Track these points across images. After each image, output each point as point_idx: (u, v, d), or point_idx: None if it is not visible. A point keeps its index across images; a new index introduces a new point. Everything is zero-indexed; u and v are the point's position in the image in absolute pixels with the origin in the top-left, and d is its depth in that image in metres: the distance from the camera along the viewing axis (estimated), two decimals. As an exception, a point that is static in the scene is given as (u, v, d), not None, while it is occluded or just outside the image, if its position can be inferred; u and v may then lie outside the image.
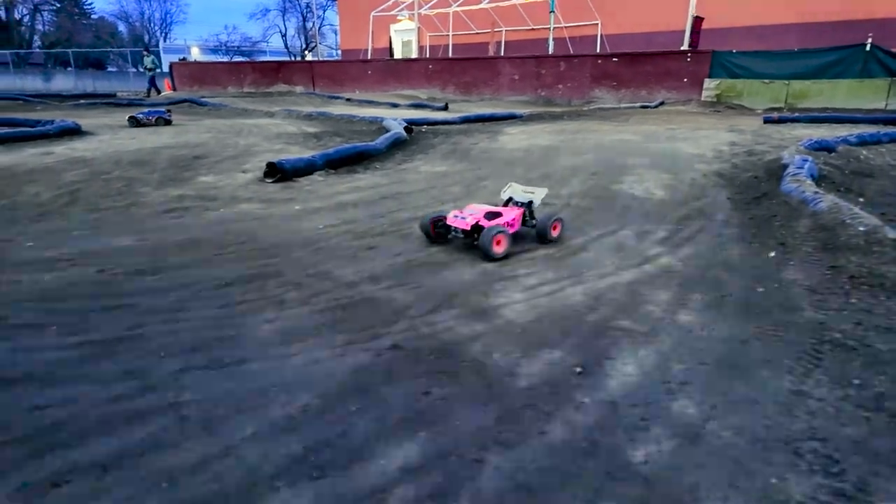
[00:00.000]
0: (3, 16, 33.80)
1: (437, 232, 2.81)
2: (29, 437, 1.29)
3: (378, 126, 9.13)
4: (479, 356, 1.65)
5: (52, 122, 7.87)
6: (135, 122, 8.67)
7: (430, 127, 8.86)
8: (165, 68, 27.73)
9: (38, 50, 33.32)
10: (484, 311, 1.97)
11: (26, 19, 35.08)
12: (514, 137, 7.80)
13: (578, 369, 1.56)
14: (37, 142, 6.64)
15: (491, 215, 2.74)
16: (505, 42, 20.75)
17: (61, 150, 6.27)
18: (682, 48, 14.00)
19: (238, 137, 7.71)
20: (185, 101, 13.75)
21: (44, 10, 35.74)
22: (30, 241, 2.90)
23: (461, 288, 2.21)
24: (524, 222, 2.87)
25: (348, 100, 16.09)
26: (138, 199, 3.94)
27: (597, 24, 18.53)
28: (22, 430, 1.31)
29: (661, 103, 13.15)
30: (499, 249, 2.51)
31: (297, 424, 1.34)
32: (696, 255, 2.57)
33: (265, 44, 44.77)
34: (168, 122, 9.07)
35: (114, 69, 41.14)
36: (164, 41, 41.54)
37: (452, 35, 20.59)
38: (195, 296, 2.15)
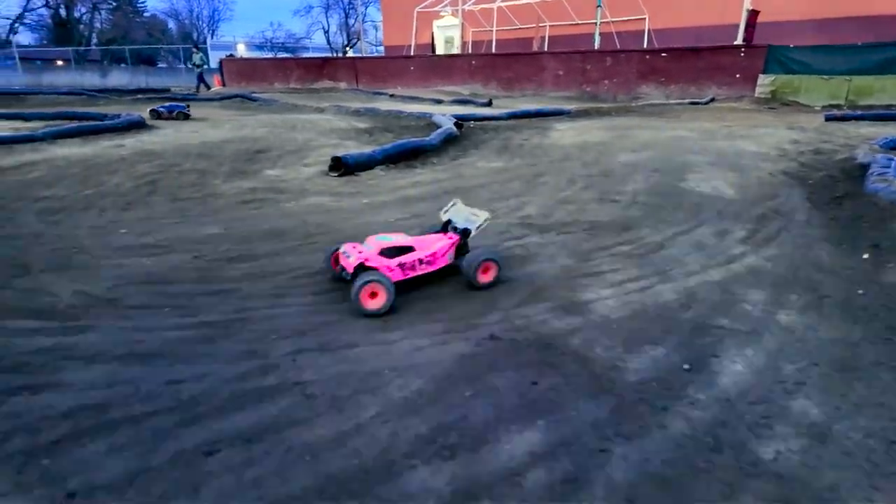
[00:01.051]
0: (65, 14, 35.56)
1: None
2: (173, 408, 1.39)
3: (427, 122, 9.20)
4: (580, 349, 1.67)
5: (119, 115, 8.25)
6: (156, 115, 9.06)
7: (477, 123, 8.87)
8: (213, 65, 28.57)
9: (95, 47, 34.87)
10: (575, 306, 1.98)
11: (86, 18, 36.78)
12: (564, 133, 7.74)
13: (686, 366, 1.56)
14: (108, 134, 6.98)
15: (393, 251, 2.12)
16: (548, 37, 20.51)
17: (131, 142, 6.58)
18: (735, 43, 13.54)
19: (293, 133, 7.91)
20: (236, 96, 14.18)
21: (102, 9, 37.40)
22: (123, 228, 3.07)
23: (546, 283, 2.23)
24: (460, 253, 2.25)
25: (391, 96, 16.24)
26: (213, 190, 4.10)
27: (644, 18, 18.10)
28: (167, 402, 1.41)
29: (712, 100, 12.76)
30: (372, 304, 1.90)
31: (418, 407, 1.39)
32: (783, 256, 2.51)
33: (308, 40, 45.62)
34: (187, 117, 9.40)
35: (164, 65, 42.66)
36: (212, 38, 42.84)
37: (494, 30, 20.48)
38: (292, 282, 2.24)
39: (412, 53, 20.94)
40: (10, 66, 25.81)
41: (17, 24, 34.58)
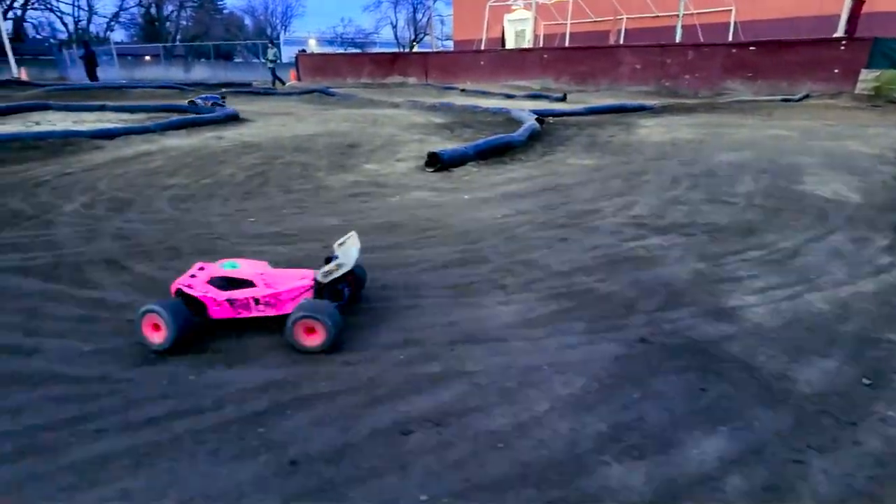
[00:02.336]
0: (155, 12, 38.11)
1: None
2: (356, 388, 1.48)
3: (505, 117, 9.17)
4: (741, 357, 1.63)
5: (213, 109, 8.75)
6: (193, 105, 9.71)
7: (556, 118, 8.75)
8: (284, 60, 29.63)
9: (181, 43, 37.12)
10: (723, 312, 1.93)
11: (173, 16, 39.26)
12: (651, 130, 7.50)
13: (866, 381, 1.49)
14: (209, 126, 7.43)
15: (229, 283, 1.82)
16: (625, 30, 19.87)
17: (230, 134, 6.98)
18: (835, 35, 12.58)
19: (376, 127, 8.12)
20: (314, 91, 14.67)
21: (187, 7, 39.79)
22: (250, 217, 3.28)
23: (681, 286, 2.18)
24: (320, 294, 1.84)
25: (462, 90, 16.28)
26: (320, 182, 4.29)
27: (730, 10, 17.16)
28: (348, 382, 1.51)
29: (806, 96, 11.93)
30: (156, 338, 1.64)
31: (589, 405, 1.41)
32: (939, 268, 2.34)
33: (376, 35, 46.51)
34: (219, 105, 9.95)
35: (240, 60, 44.78)
36: (284, 34, 44.51)
37: (568, 23, 20.06)
38: (422, 274, 2.32)
39: (483, 48, 20.87)
40: (108, 61, 27.90)
41: (113, 23, 37.41)
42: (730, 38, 16.73)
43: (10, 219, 3.14)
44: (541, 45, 21.53)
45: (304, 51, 29.50)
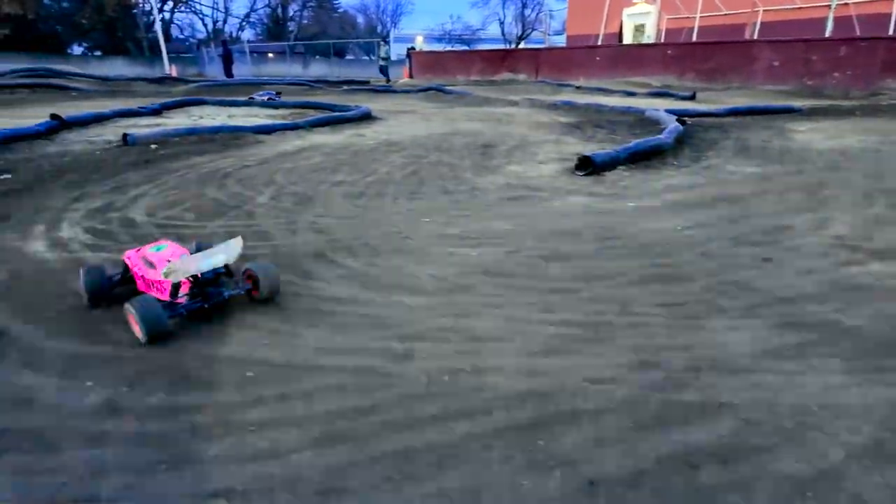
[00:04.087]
0: (280, 13, 41.10)
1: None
2: (611, 409, 1.46)
3: (636, 117, 8.80)
4: None
5: (348, 107, 9.22)
6: (251, 100, 10.42)
7: (691, 119, 8.22)
8: (393, 58, 30.52)
9: (299, 42, 39.66)
10: None
11: (297, 16, 42.12)
12: (810, 135, 6.81)
13: None
14: (349, 125, 7.85)
15: (148, 264, 1.99)
16: (761, 23, 18.22)
17: (369, 133, 7.31)
18: None
19: (503, 126, 8.12)
20: (430, 89, 15.01)
21: (309, 6, 42.46)
22: (424, 218, 3.39)
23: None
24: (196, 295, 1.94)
25: (578, 87, 15.84)
26: (473, 184, 4.35)
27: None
28: (601, 402, 1.49)
29: None
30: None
31: (891, 456, 1.28)
32: None
33: (483, 32, 46.69)
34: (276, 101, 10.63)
35: (351, 57, 46.96)
36: (394, 31, 46.00)
37: (697, 17, 18.78)
38: (625, 286, 2.26)
39: (600, 43, 20.16)
40: (240, 58, 30.53)
41: (244, 23, 40.90)
42: (891, 31, 14.75)
43: (217, 208, 3.51)
44: (662, 39, 20.38)
45: (413, 48, 30.28)
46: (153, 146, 5.31)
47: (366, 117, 8.40)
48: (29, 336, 1.82)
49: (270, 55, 38.56)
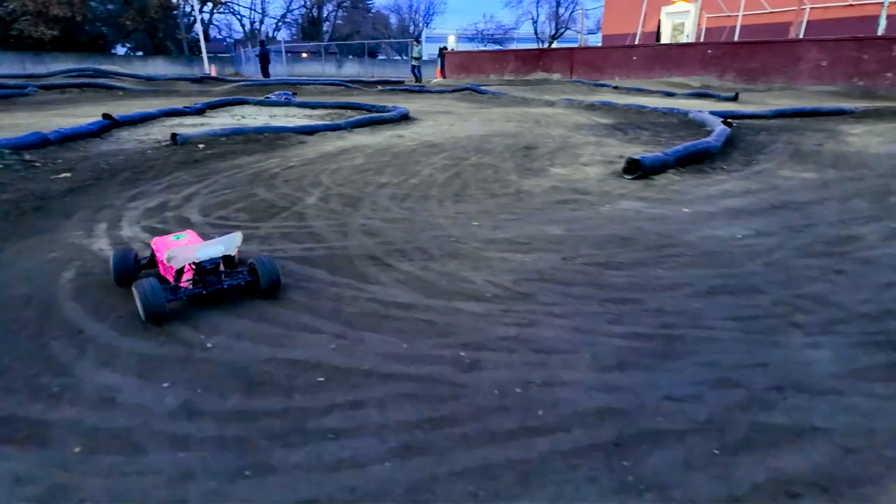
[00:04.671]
0: (316, 13, 41.71)
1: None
2: (697, 431, 1.40)
3: (680, 118, 8.60)
4: None
5: (386, 107, 9.26)
6: (267, 99, 10.68)
7: (736, 120, 7.97)
8: (425, 57, 30.58)
9: (335, 42, 40.18)
10: None
11: (331, 16, 42.69)
12: (865, 139, 6.53)
13: None
14: (387, 125, 7.88)
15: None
16: (807, 22, 17.60)
17: (408, 133, 7.33)
18: None
19: (541, 127, 8.03)
20: (465, 89, 14.97)
21: (344, 7, 42.97)
22: (474, 221, 3.36)
23: None
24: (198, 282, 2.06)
25: (615, 88, 15.59)
26: (518, 187, 4.30)
27: (956, -7, 14.39)
28: (680, 422, 1.43)
29: None
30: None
31: None
32: None
33: (515, 31, 46.44)
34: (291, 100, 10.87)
35: (383, 57, 47.30)
36: (426, 30, 46.13)
37: (740, 15, 18.25)
38: (690, 297, 2.18)
39: (637, 42, 19.79)
40: (276, 58, 31.10)
41: (280, 23, 41.65)
42: (952, 28, 14.05)
43: (269, 209, 3.55)
44: (702, 39, 19.88)
45: (444, 48, 30.32)
46: (201, 146, 5.43)
47: (404, 118, 8.43)
48: (103, 335, 1.86)
49: (304, 55, 39.16)
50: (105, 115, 6.21)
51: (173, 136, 5.51)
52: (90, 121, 6.50)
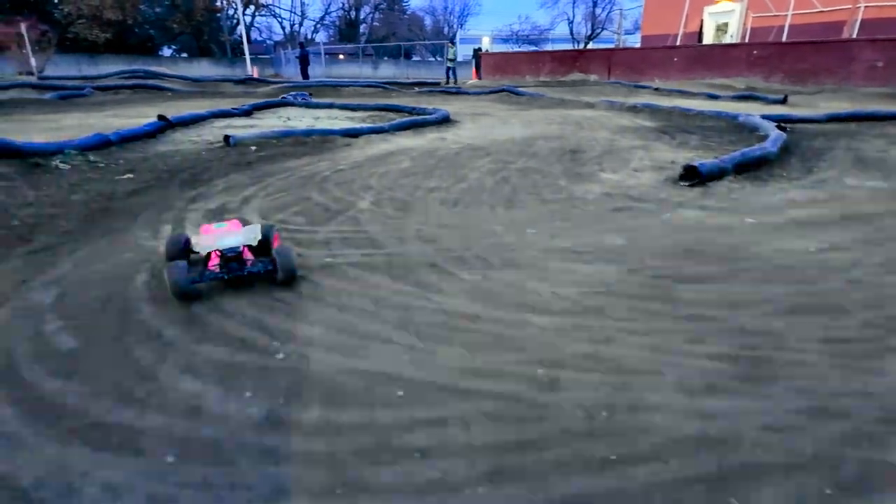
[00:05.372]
0: (353, 15, 42.25)
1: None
2: (806, 468, 1.32)
3: (728, 122, 8.33)
4: None
5: (426, 109, 9.26)
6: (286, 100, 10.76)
7: (790, 125, 7.65)
8: (459, 59, 30.52)
9: (371, 44, 40.59)
10: None
11: (368, 18, 43.16)
12: (940, 147, 6.15)
13: None
14: (429, 128, 7.88)
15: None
16: (861, 21, 16.84)
17: (450, 136, 7.30)
18: None
19: (584, 130, 7.89)
20: (502, 90, 14.87)
21: (381, 9, 43.41)
22: (529, 229, 3.31)
23: None
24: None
25: (656, 89, 15.23)
26: (569, 192, 4.22)
27: None
28: (798, 456, 1.35)
29: None
30: None
31: None
32: None
33: (551, 32, 46.02)
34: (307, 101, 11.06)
35: (418, 59, 47.53)
36: (460, 31, 46.13)
37: (789, 14, 17.59)
38: (775, 317, 2.08)
39: (678, 43, 19.31)
40: (314, 59, 31.63)
41: (318, 25, 42.35)
42: None
43: (324, 212, 3.58)
44: (746, 39, 19.24)
45: (479, 49, 30.22)
46: (252, 148, 5.53)
47: (445, 121, 8.41)
48: (181, 340, 1.89)
49: (341, 56, 39.67)
50: (160, 117, 6.40)
51: (226, 137, 5.63)
52: (145, 122, 6.72)
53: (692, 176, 4.37)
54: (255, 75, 23.19)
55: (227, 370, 1.72)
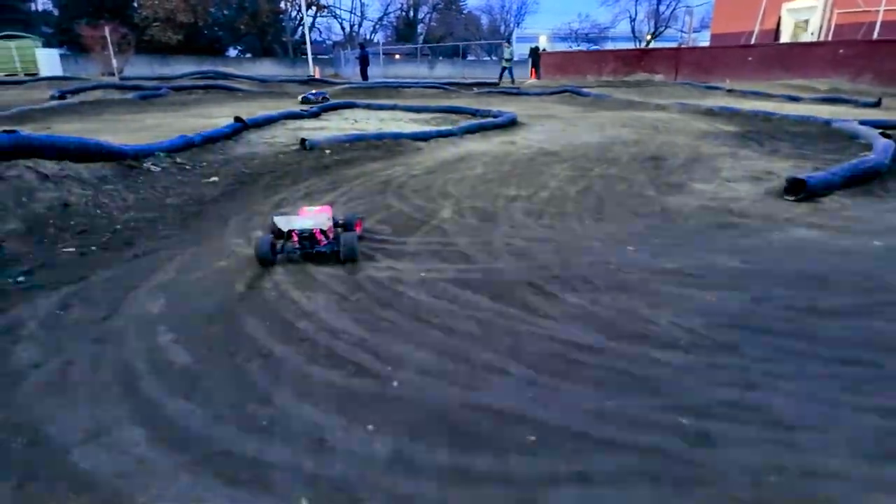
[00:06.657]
0: (411, 15, 42.62)
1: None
2: None
3: (820, 128, 7.74)
4: None
5: (491, 111, 9.10)
6: (306, 101, 10.84)
7: (892, 131, 6.99)
8: (515, 58, 30.09)
9: (428, 44, 40.81)
10: None
11: (426, 18, 43.43)
12: None
13: None
14: (496, 131, 7.72)
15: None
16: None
17: (519, 140, 7.13)
18: None
19: (660, 135, 7.53)
20: (564, 90, 14.51)
21: (438, 9, 43.57)
22: (628, 245, 3.10)
23: None
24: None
25: (729, 91, 14.46)
26: (661, 204, 3.97)
27: None
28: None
29: None
30: None
31: None
32: None
33: (611, 30, 44.80)
34: (326, 100, 10.93)
35: (473, 58, 47.38)
36: (517, 30, 45.61)
37: (881, 10, 16.28)
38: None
39: (753, 41, 18.28)
40: (373, 60, 32.07)
41: (377, 25, 43.00)
42: None
43: (408, 221, 3.50)
44: (829, 37, 17.97)
45: (536, 48, 29.72)
46: (327, 151, 5.56)
47: (512, 123, 8.24)
48: (291, 361, 1.83)
49: (397, 56, 40.07)
50: (237, 119, 6.56)
51: (302, 141, 5.69)
52: (219, 121, 6.92)
53: (797, 189, 4.02)
54: (317, 76, 23.72)
55: (344, 397, 1.64)
